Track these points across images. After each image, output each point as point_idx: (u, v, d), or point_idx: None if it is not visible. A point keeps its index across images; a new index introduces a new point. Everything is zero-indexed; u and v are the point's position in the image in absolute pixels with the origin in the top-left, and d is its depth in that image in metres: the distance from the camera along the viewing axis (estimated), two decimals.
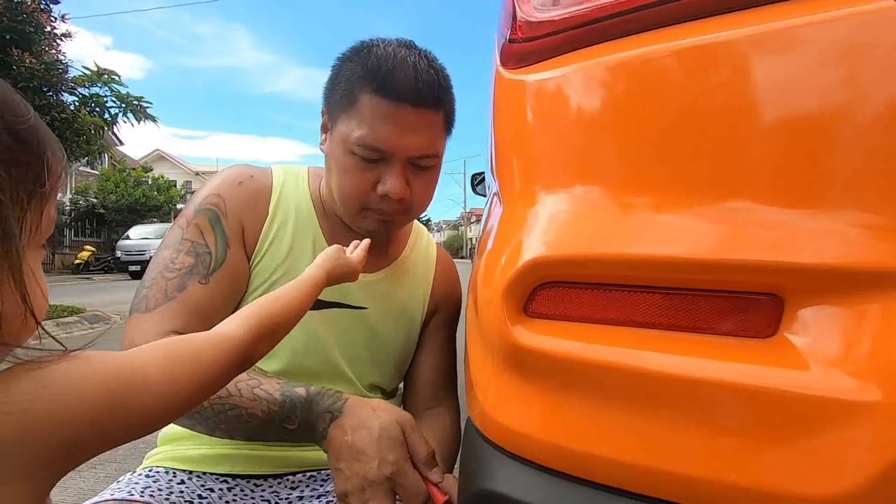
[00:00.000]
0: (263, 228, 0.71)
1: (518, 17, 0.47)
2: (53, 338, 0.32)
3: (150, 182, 21.64)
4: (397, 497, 0.56)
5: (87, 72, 6.02)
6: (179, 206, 22.72)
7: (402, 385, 0.88)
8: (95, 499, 0.62)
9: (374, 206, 0.68)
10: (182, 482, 0.68)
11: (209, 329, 0.66)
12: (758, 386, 0.32)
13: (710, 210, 0.36)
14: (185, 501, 0.65)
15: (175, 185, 24.23)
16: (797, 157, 0.34)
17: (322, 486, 0.74)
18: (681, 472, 0.34)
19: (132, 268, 15.35)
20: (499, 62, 0.51)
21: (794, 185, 0.34)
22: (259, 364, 0.71)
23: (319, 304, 0.74)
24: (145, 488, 0.64)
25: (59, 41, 5.78)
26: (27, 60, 5.17)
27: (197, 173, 35.96)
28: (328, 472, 0.75)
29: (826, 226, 0.32)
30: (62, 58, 5.74)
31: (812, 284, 0.33)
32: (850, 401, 0.30)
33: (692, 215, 0.37)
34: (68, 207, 19.91)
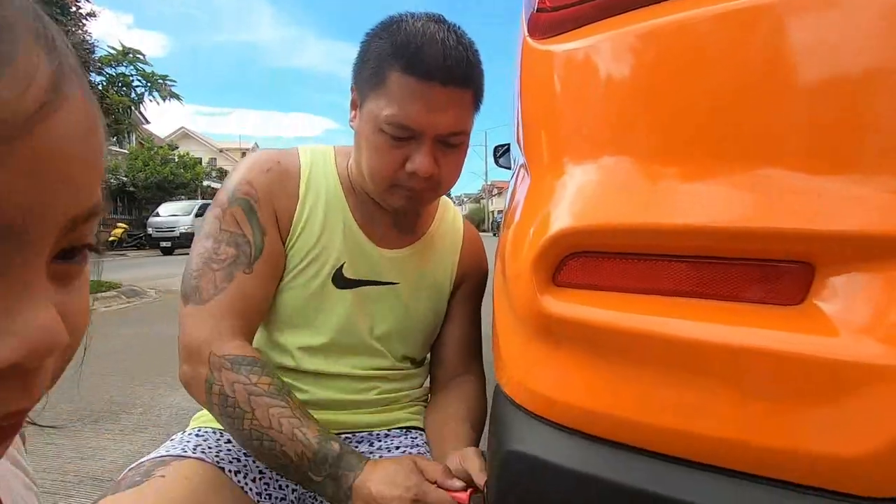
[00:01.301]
0: (296, 212, 0.73)
1: None
2: None
3: (176, 160, 22.05)
4: None
5: (113, 51, 6.11)
6: (206, 182, 23.18)
7: (428, 355, 0.91)
8: (151, 456, 0.67)
9: (402, 184, 0.69)
10: (229, 441, 0.72)
11: (257, 316, 0.69)
12: (787, 351, 0.33)
13: (741, 178, 0.36)
14: (233, 458, 0.70)
15: (200, 163, 24.62)
16: (827, 125, 0.34)
17: (357, 447, 0.78)
18: (709, 433, 0.35)
19: (163, 244, 15.88)
20: (526, 32, 0.51)
21: (824, 153, 0.34)
22: (304, 340, 0.74)
23: (352, 284, 0.76)
24: (196, 446, 0.69)
25: (84, 21, 5.85)
26: None
27: (221, 150, 36.42)
28: (362, 434, 0.79)
29: (857, 192, 0.32)
30: (88, 38, 5.82)
31: (843, 252, 0.33)
32: (879, 365, 0.31)
33: (722, 184, 0.37)
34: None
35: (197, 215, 16.31)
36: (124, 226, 19.10)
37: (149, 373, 2.93)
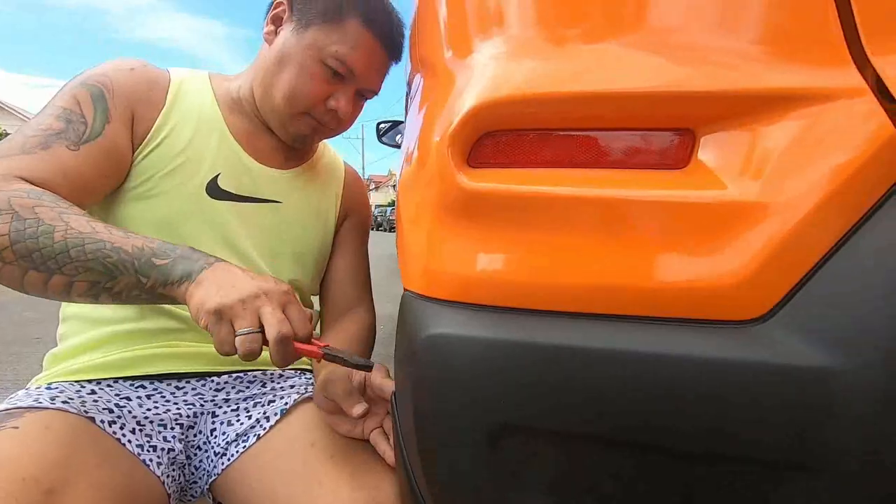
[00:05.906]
0: (158, 119, 0.68)
1: None
2: None
3: None
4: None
5: None
6: None
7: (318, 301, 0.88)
8: None
9: (315, 115, 0.73)
10: (92, 392, 0.62)
11: (74, 194, 0.59)
12: (678, 201, 0.38)
13: (626, 42, 0.40)
14: (103, 408, 0.60)
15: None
16: None
17: (248, 387, 0.72)
18: (615, 283, 0.39)
19: None
20: None
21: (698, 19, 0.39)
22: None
23: (230, 197, 0.71)
24: (53, 398, 0.58)
25: None
26: None
27: None
28: (255, 373, 0.74)
29: (727, 54, 0.38)
30: None
31: (716, 111, 0.38)
32: (750, 202, 0.36)
33: (606, 50, 0.41)
34: None
35: None
36: None
37: None
